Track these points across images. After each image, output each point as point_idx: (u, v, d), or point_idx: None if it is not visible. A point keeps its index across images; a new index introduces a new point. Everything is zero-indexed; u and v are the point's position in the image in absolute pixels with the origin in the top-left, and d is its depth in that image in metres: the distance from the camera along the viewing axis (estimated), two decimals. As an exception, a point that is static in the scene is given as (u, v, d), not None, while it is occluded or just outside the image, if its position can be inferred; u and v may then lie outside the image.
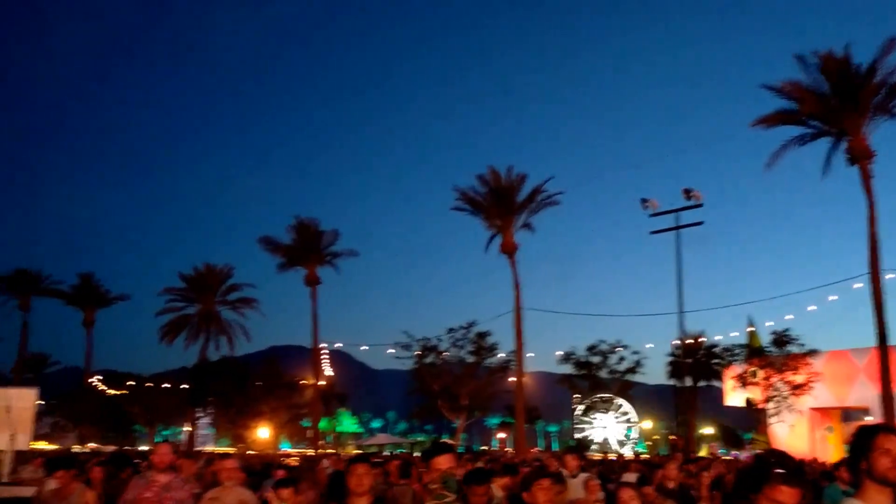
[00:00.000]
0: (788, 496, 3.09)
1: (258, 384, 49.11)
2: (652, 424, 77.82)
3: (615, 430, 51.77)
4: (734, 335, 49.38)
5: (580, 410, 53.11)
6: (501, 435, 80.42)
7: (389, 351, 48.75)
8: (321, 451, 48.34)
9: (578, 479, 9.81)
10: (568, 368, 51.92)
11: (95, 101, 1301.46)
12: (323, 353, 65.73)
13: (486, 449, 61.49)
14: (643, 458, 34.28)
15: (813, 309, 44.95)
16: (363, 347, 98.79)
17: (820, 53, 33.52)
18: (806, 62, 33.77)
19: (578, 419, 53.18)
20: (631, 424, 52.06)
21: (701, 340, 51.81)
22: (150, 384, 58.64)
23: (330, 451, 50.72)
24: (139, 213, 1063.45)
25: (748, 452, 47.08)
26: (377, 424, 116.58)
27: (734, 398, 44.39)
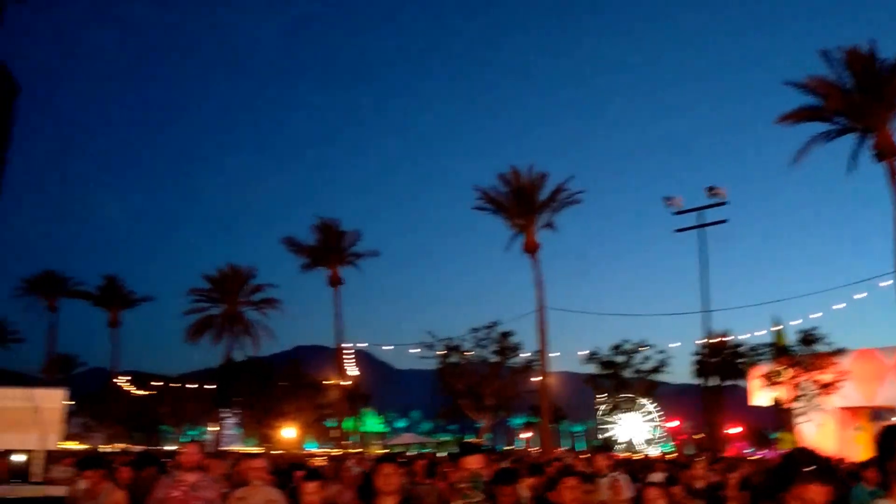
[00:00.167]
0: (818, 494, 3.02)
1: (283, 384, 49.36)
2: (678, 423, 77.17)
3: (640, 429, 51.49)
4: (760, 334, 48.88)
5: (604, 410, 52.89)
6: (526, 435, 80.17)
7: (413, 351, 48.91)
8: (347, 450, 48.47)
9: (608, 479, 9.78)
10: (592, 368, 51.73)
11: (120, 103, 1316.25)
12: (347, 352, 65.91)
13: (510, 449, 61.32)
14: (669, 457, 34.03)
15: (840, 307, 44.43)
16: (386, 347, 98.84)
17: (845, 49, 33.20)
18: (831, 58, 33.50)
19: (602, 419, 52.97)
20: (656, 424, 51.75)
21: (726, 339, 51.34)
22: (176, 384, 59.18)
23: (355, 450, 50.85)
24: (164, 215, 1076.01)
25: (775, 452, 46.59)
26: (401, 424, 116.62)
27: (760, 398, 43.93)
